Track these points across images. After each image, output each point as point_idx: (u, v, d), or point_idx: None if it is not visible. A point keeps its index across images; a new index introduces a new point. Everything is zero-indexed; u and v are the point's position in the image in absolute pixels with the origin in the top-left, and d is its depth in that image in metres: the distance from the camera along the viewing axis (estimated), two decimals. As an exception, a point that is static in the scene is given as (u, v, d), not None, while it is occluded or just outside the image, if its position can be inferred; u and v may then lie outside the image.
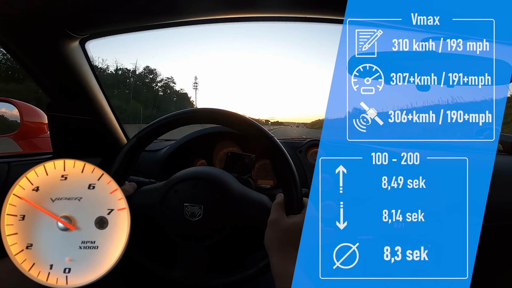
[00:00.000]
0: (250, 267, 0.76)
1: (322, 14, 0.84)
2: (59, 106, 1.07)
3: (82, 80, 1.03)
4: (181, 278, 0.77)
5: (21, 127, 1.47)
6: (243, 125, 0.78)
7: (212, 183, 0.77)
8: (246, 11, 0.86)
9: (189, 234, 0.76)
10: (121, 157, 0.79)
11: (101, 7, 0.81)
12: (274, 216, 0.70)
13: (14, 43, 0.86)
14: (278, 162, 0.75)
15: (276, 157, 0.75)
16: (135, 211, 0.77)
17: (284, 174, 0.75)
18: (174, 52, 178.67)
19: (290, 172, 0.74)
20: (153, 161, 1.21)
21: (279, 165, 0.75)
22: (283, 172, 0.75)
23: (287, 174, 0.74)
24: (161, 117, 0.79)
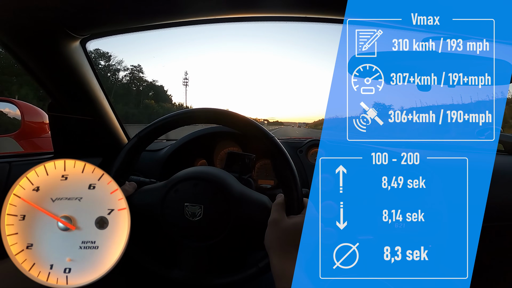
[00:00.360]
0: (250, 267, 0.76)
1: (322, 14, 0.84)
2: (60, 106, 1.07)
3: (83, 80, 1.03)
4: (181, 277, 0.77)
5: (23, 127, 1.47)
6: (244, 125, 0.77)
7: (213, 183, 0.77)
8: (246, 11, 0.86)
9: (190, 234, 0.75)
10: (122, 157, 0.78)
11: (102, 7, 0.81)
12: (275, 216, 0.70)
13: (14, 43, 0.86)
14: (279, 163, 0.75)
15: (276, 158, 0.75)
16: (135, 211, 0.77)
17: (285, 175, 0.74)
18: (174, 52, 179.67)
19: (291, 173, 0.74)
20: (153, 161, 1.20)
21: (280, 166, 0.75)
22: (283, 172, 0.75)
23: (287, 175, 0.74)
24: (162, 116, 0.79)
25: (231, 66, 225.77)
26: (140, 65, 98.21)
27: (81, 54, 0.99)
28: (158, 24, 0.92)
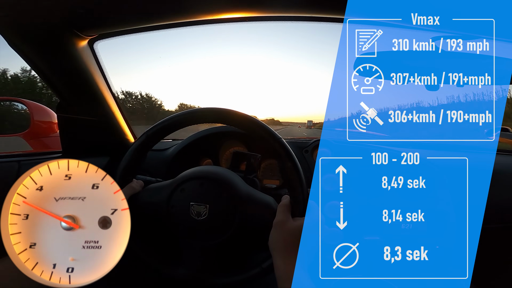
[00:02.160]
0: (254, 268, 0.75)
1: (324, 13, 0.84)
2: (68, 106, 1.07)
3: (91, 80, 1.03)
4: (185, 276, 0.76)
5: (32, 127, 1.48)
6: (251, 125, 0.77)
7: (219, 183, 0.76)
8: (248, 11, 0.86)
9: (195, 233, 0.75)
10: (129, 155, 0.79)
11: (109, 8, 0.82)
12: (280, 217, 0.69)
13: (23, 44, 0.87)
14: (285, 164, 0.75)
15: (283, 159, 0.75)
16: (141, 209, 0.77)
17: (291, 176, 0.74)
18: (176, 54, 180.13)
19: (297, 174, 0.74)
20: (160, 160, 1.20)
21: (286, 167, 0.75)
22: (290, 174, 0.74)
23: (294, 176, 0.74)
24: (169, 116, 0.79)
25: (231, 66, 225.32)
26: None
27: (89, 55, 1.00)
28: (165, 24, 0.92)
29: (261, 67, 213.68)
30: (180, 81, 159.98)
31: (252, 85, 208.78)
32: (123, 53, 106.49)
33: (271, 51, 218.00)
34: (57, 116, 1.09)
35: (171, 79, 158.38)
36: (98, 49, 1.02)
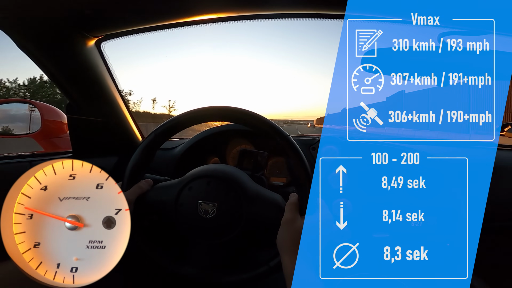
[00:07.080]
0: (261, 266, 0.74)
1: (324, 10, 0.83)
2: (77, 107, 1.06)
3: (98, 80, 1.03)
4: (193, 274, 0.75)
5: (42, 128, 1.47)
6: (259, 123, 0.76)
7: (227, 181, 0.75)
8: (249, 10, 0.85)
9: (202, 231, 0.74)
10: (138, 153, 0.78)
11: (116, 9, 0.81)
12: (288, 216, 0.68)
13: (31, 45, 0.86)
14: (293, 162, 0.73)
15: (291, 157, 0.73)
16: (150, 208, 0.75)
17: (299, 174, 0.73)
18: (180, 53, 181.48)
19: (305, 172, 0.72)
20: (167, 159, 1.19)
21: (294, 165, 0.73)
22: (298, 172, 0.73)
23: (302, 174, 0.72)
24: (177, 114, 0.78)
25: (237, 67, 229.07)
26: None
27: (96, 55, 0.99)
28: (172, 23, 0.91)
29: (261, 67, 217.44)
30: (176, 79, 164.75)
31: (252, 85, 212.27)
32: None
33: (273, 50, 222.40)
34: (66, 117, 1.08)
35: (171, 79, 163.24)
36: (105, 50, 1.01)
